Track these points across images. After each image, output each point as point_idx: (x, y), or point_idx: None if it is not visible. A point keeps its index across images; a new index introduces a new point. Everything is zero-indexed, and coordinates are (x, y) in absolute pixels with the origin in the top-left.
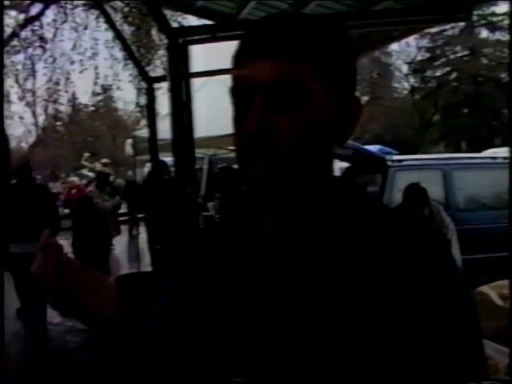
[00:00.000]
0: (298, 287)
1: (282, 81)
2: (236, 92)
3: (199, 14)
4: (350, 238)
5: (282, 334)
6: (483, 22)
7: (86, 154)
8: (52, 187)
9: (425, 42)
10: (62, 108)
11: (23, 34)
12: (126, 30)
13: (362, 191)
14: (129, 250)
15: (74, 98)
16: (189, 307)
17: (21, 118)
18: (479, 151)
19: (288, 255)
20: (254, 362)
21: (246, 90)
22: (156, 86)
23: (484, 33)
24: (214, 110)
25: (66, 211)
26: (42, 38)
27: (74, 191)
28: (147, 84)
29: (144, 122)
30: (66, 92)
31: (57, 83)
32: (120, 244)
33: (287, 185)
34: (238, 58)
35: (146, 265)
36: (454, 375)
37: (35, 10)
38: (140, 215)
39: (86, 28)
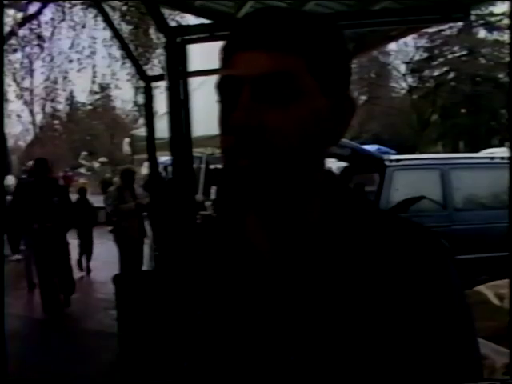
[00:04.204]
0: (283, 291)
1: (273, 73)
2: (223, 87)
3: (197, 12)
4: (337, 241)
5: (267, 338)
6: (481, 21)
7: (84, 153)
8: None
9: (423, 42)
10: (59, 107)
11: (21, 32)
12: (124, 28)
13: (351, 192)
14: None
15: (71, 96)
16: (173, 309)
17: (18, 116)
18: (477, 151)
19: (274, 258)
20: (233, 365)
21: (235, 83)
22: (154, 84)
23: (482, 33)
24: (211, 109)
25: None
26: (39, 37)
27: None
28: (145, 83)
29: (142, 120)
30: (64, 91)
31: (55, 82)
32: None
33: (275, 181)
34: (227, 50)
35: None
36: (447, 375)
37: (33, 8)
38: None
39: (83, 27)
